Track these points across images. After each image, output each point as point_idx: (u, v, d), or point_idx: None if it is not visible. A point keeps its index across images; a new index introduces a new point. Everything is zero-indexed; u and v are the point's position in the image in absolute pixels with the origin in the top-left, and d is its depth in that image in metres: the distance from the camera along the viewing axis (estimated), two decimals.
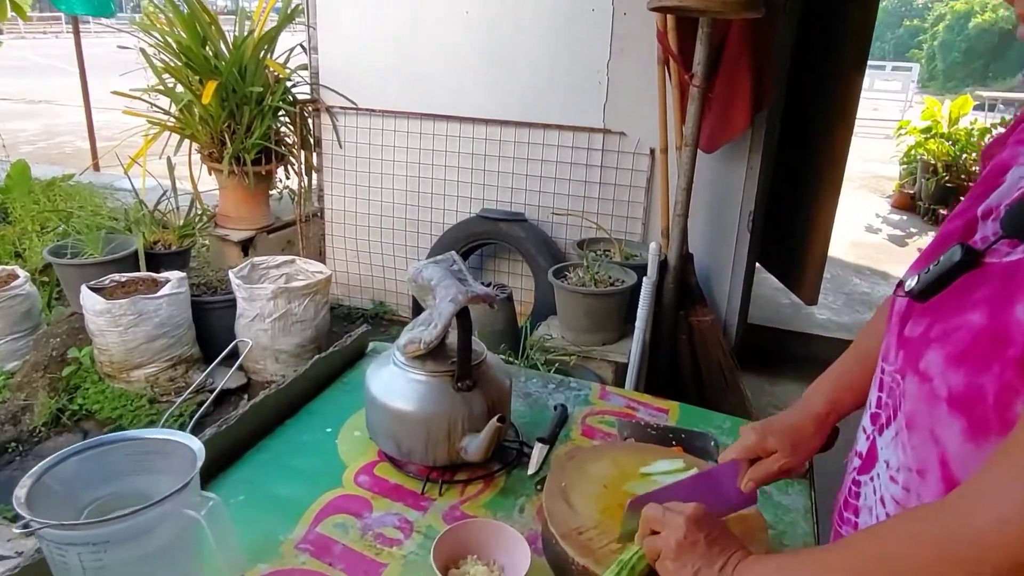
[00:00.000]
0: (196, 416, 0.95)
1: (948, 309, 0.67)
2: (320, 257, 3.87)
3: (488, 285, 2.87)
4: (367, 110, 3.54)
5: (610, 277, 2.79)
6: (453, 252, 1.21)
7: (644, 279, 2.63)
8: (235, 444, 1.16)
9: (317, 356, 1.37)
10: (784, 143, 3.48)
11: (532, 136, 3.30)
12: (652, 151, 3.11)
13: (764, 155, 3.06)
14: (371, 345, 1.56)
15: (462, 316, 1.07)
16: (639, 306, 2.63)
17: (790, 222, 3.74)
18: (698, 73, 2.60)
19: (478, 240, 3.34)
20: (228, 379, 2.80)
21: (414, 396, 1.09)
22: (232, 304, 3.06)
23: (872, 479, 0.76)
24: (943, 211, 6.55)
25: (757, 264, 3.69)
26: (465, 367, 1.09)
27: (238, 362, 1.09)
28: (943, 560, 0.55)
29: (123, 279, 2.94)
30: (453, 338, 1.16)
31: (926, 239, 6.29)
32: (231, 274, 3.05)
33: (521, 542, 0.92)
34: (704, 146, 2.84)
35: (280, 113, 3.68)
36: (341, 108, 3.59)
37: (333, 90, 3.57)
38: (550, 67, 3.21)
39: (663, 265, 2.79)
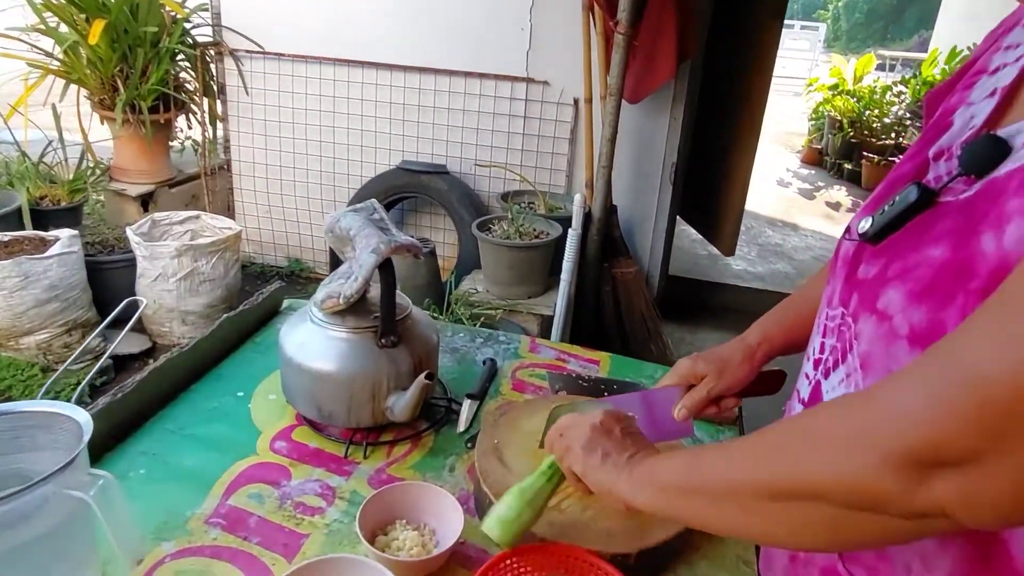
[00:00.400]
0: (82, 385, 0.84)
1: (906, 247, 0.65)
2: (229, 212, 3.64)
3: None
4: (275, 54, 3.31)
5: (535, 230, 2.75)
6: (374, 200, 1.12)
7: (569, 231, 2.60)
8: (134, 414, 1.05)
9: (225, 315, 1.26)
10: (704, 95, 3.50)
11: (453, 85, 3.17)
12: (576, 101, 3.05)
13: (687, 106, 3.06)
14: (286, 303, 1.46)
15: (385, 268, 0.99)
16: (564, 258, 2.60)
17: (709, 175, 3.79)
18: (623, 20, 2.54)
19: (399, 193, 3.22)
20: (129, 343, 2.59)
21: (334, 355, 1.02)
22: (132, 264, 2.84)
23: None
24: (848, 165, 6.85)
25: (677, 216, 3.73)
26: (389, 322, 1.02)
27: (130, 323, 0.97)
28: (848, 436, 0.53)
29: (6, 239, 2.67)
30: (375, 292, 1.08)
31: (833, 192, 6.58)
32: (129, 231, 2.82)
33: (452, 503, 0.88)
34: (628, 96, 2.81)
35: (179, 57, 3.39)
36: (247, 52, 3.34)
37: (237, 32, 3.31)
38: (471, 13, 3.08)
39: (587, 217, 2.77)
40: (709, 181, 3.81)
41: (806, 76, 10.01)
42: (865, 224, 0.71)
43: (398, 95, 3.25)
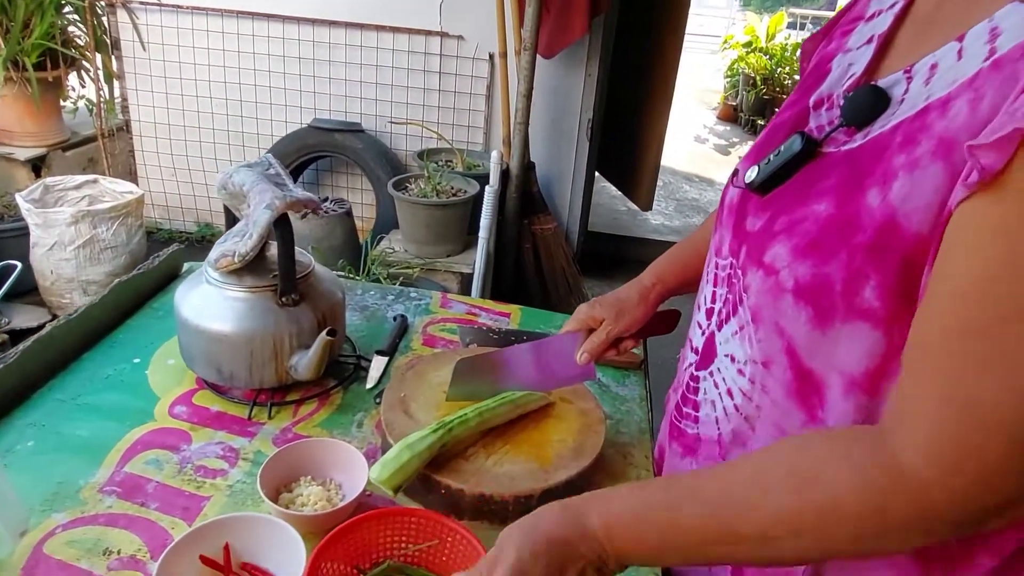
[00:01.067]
0: None
1: (790, 201, 0.66)
2: (130, 176, 3.45)
3: (326, 200, 2.71)
4: (172, 6, 3.12)
5: (452, 188, 2.72)
6: (268, 155, 1.08)
7: (487, 188, 2.59)
8: (19, 385, 1.00)
9: (118, 280, 1.20)
10: (618, 52, 3.51)
11: (365, 39, 3.07)
12: (491, 56, 3.02)
13: (602, 62, 3.08)
14: (186, 266, 1.40)
15: (281, 224, 0.97)
16: (482, 216, 2.60)
17: (626, 131, 3.84)
18: None
19: (311, 153, 3.13)
20: (25, 317, 2.44)
21: (232, 315, 0.99)
22: (24, 233, 2.66)
23: (712, 374, 0.77)
24: (761, 122, 7.06)
25: (595, 172, 3.78)
26: (288, 280, 1.00)
27: (3, 289, 0.91)
28: (912, 528, 0.52)
29: None
30: (275, 250, 1.05)
31: (746, 148, 6.77)
32: (19, 198, 2.63)
33: (357, 456, 0.88)
34: (543, 51, 2.79)
35: (66, 9, 3.14)
36: (141, 3, 3.13)
37: None
38: None
39: (505, 174, 2.77)
40: (626, 137, 3.86)
41: (722, 34, 10.19)
42: (752, 174, 0.71)
43: (307, 50, 3.12)
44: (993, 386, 0.47)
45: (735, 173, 0.80)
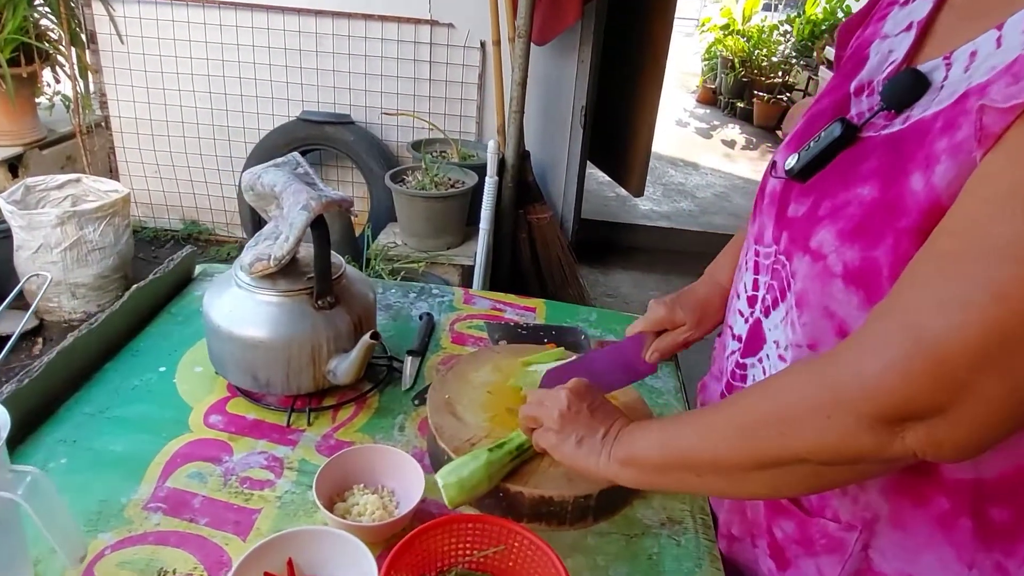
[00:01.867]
0: None
1: (833, 185, 0.66)
2: (111, 174, 3.36)
3: None
4: None
5: (450, 179, 2.69)
6: (296, 154, 1.05)
7: (487, 179, 2.56)
8: (45, 400, 0.96)
9: (135, 286, 1.16)
10: (608, 38, 3.49)
11: (353, 29, 3.01)
12: (483, 44, 2.97)
13: (594, 48, 3.05)
14: (198, 268, 1.36)
15: (318, 225, 0.94)
16: (483, 206, 2.57)
17: (616, 117, 3.82)
18: None
19: (301, 146, 3.06)
20: (11, 322, 2.38)
21: (268, 320, 0.96)
22: (7, 236, 2.58)
23: (760, 360, 0.77)
24: (740, 104, 7.09)
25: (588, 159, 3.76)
26: (325, 282, 0.97)
27: (35, 300, 0.87)
28: (825, 407, 0.56)
29: None
30: (303, 252, 1.02)
31: (727, 130, 6.81)
32: (0, 200, 2.55)
33: (411, 462, 0.86)
34: (536, 38, 2.76)
35: (38, 2, 3.03)
36: None
37: None
38: None
39: (501, 164, 2.74)
40: (617, 124, 3.85)
41: (698, 16, 10.19)
42: (792, 161, 0.71)
43: (293, 41, 3.05)
44: (925, 300, 0.51)
45: (772, 165, 0.80)
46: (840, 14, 6.21)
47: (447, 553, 0.76)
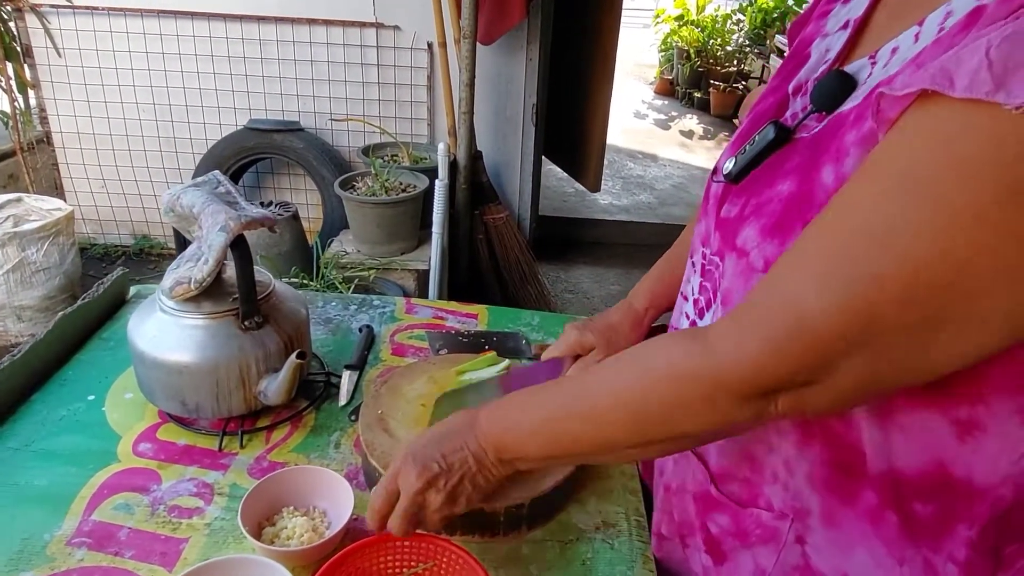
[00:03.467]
0: None
1: (761, 184, 0.67)
2: (56, 191, 3.27)
3: (270, 204, 2.62)
4: (87, 8, 2.95)
5: (401, 183, 2.67)
6: (216, 172, 1.03)
7: (436, 182, 2.55)
8: None
9: (62, 313, 1.13)
10: (557, 34, 3.49)
11: (297, 34, 2.97)
12: (430, 45, 2.96)
13: (542, 46, 3.05)
14: (133, 289, 1.33)
15: (238, 245, 0.92)
16: (434, 210, 2.56)
17: (570, 113, 3.83)
18: None
19: (250, 155, 3.02)
20: None
21: (193, 344, 0.94)
22: None
23: None
24: (697, 94, 7.16)
25: (542, 156, 3.77)
26: (250, 303, 0.95)
27: None
28: (709, 393, 0.57)
29: None
30: (231, 271, 1.01)
31: (686, 121, 6.87)
32: None
33: (340, 482, 0.85)
34: (481, 38, 2.75)
35: None
36: (52, 7, 2.94)
37: None
38: None
39: (453, 166, 2.73)
40: (570, 119, 3.86)
41: (653, 7, 10.25)
42: (729, 165, 0.72)
43: (237, 48, 3.00)
44: (802, 276, 0.52)
45: (714, 171, 0.81)
46: (790, 2, 6.29)
47: (377, 572, 0.76)
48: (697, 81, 7.20)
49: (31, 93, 3.14)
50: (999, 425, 0.57)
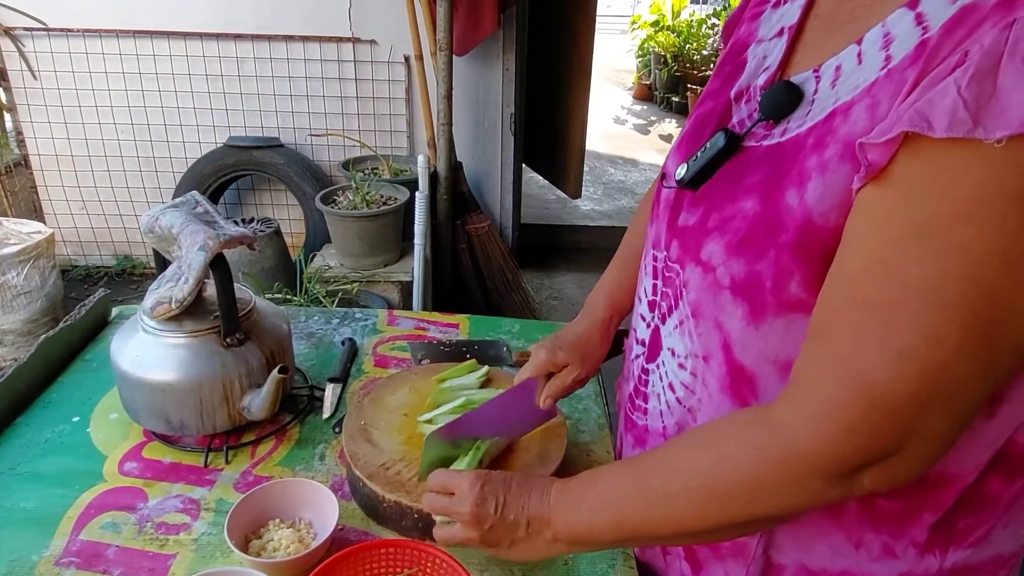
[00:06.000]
0: None
1: (720, 197, 0.68)
2: (36, 214, 3.26)
3: (251, 221, 2.63)
4: (62, 30, 2.95)
5: (382, 196, 2.69)
6: (195, 192, 1.05)
7: (417, 193, 2.57)
8: None
9: (45, 336, 1.14)
10: (533, 43, 3.53)
11: (274, 51, 2.99)
12: (407, 59, 2.98)
13: (517, 55, 3.09)
14: (116, 310, 1.34)
15: (218, 264, 0.94)
16: (415, 222, 2.58)
17: (548, 120, 3.87)
18: None
19: (231, 172, 3.02)
20: None
21: (175, 363, 0.95)
22: None
23: (658, 367, 0.79)
24: (676, 99, 7.24)
25: (523, 165, 3.80)
26: (231, 320, 0.97)
27: None
28: (792, 474, 0.57)
29: None
30: (212, 289, 1.02)
31: (665, 125, 6.93)
32: None
33: (324, 492, 0.87)
34: (456, 49, 2.78)
35: None
36: (26, 29, 2.95)
37: (10, 7, 2.90)
38: None
39: (434, 177, 2.75)
40: (549, 127, 3.90)
41: (629, 13, 10.36)
42: (681, 171, 0.73)
43: (214, 66, 3.01)
44: (861, 352, 0.53)
45: (663, 175, 0.82)
46: None
47: None
48: (675, 85, 7.28)
49: (7, 116, 3.13)
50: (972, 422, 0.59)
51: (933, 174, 0.49)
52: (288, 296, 2.25)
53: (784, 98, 0.65)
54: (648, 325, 0.82)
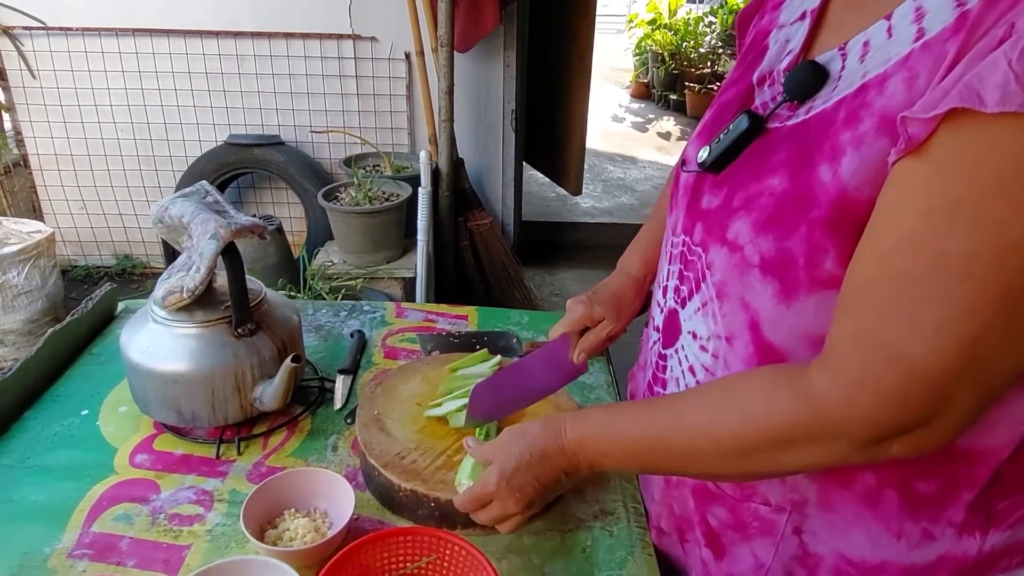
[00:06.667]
0: None
1: (746, 177, 0.68)
2: (35, 214, 3.24)
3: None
4: (61, 29, 2.93)
5: (384, 193, 2.68)
6: (204, 182, 1.04)
7: (420, 190, 2.57)
8: None
9: (52, 329, 1.13)
10: (533, 40, 3.53)
11: (274, 48, 2.98)
12: (408, 55, 2.98)
13: (519, 52, 3.08)
14: (121, 305, 1.33)
15: (229, 253, 0.93)
16: (418, 218, 2.57)
17: (549, 117, 3.86)
18: None
19: (231, 171, 3.01)
20: None
21: (187, 353, 0.94)
22: None
23: (676, 351, 0.79)
24: (673, 96, 7.24)
25: (523, 162, 3.79)
26: (243, 310, 0.96)
27: None
28: (818, 438, 0.58)
29: None
30: (222, 280, 1.01)
31: (663, 123, 6.93)
32: None
33: (340, 482, 0.86)
34: (458, 46, 2.77)
35: None
36: (25, 29, 2.93)
37: (9, 6, 2.89)
38: None
39: (435, 173, 2.74)
40: (549, 124, 3.89)
41: (626, 12, 10.35)
42: (703, 154, 0.73)
43: (215, 64, 3.00)
44: (896, 325, 0.52)
45: (683, 161, 0.82)
46: None
47: (381, 568, 0.77)
48: (672, 83, 7.28)
49: (6, 116, 3.12)
50: (1003, 395, 0.59)
51: (975, 148, 0.49)
52: (292, 293, 2.24)
53: (809, 78, 0.64)
54: (663, 310, 0.82)
